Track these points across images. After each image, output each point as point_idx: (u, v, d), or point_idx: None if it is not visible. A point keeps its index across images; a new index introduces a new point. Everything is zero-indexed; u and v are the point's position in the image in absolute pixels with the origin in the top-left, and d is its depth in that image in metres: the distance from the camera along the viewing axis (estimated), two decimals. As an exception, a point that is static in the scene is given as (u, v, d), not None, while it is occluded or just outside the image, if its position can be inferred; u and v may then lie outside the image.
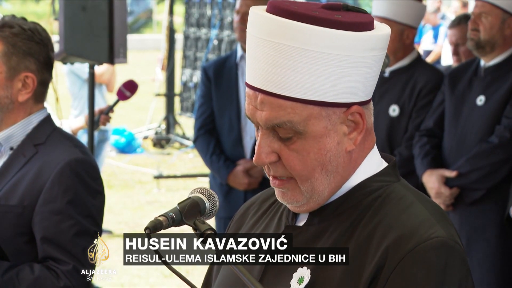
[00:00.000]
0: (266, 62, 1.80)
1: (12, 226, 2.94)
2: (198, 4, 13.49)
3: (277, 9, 1.80)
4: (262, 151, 1.85)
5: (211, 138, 5.22)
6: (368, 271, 1.78)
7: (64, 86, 8.55)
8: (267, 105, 1.82)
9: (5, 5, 30.82)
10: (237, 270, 1.77)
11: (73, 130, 5.15)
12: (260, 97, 1.83)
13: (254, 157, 1.87)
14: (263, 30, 1.81)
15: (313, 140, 1.83)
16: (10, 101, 3.03)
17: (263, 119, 1.83)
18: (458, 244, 1.83)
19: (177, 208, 1.85)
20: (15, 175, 3.00)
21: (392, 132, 4.94)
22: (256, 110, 1.84)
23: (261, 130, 1.86)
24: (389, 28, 1.90)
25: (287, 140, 1.84)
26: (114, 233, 8.40)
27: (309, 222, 1.91)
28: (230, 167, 5.13)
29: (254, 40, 1.83)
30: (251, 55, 1.84)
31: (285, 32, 1.77)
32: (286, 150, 1.84)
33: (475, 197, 4.67)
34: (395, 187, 1.90)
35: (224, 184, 5.16)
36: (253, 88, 1.85)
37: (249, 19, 1.86)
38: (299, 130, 1.82)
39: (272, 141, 1.85)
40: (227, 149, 5.21)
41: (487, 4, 4.70)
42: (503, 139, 4.57)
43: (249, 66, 1.85)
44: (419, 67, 5.01)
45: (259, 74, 1.82)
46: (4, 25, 3.01)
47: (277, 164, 1.86)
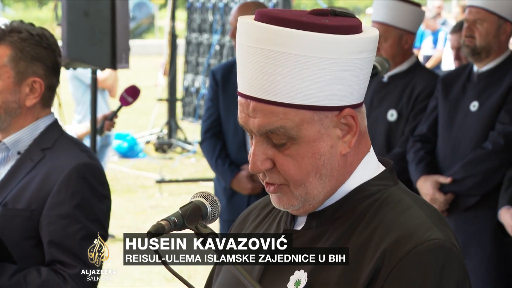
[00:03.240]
0: (256, 69, 1.80)
1: (20, 230, 2.94)
2: (200, 9, 13.50)
3: (264, 17, 1.81)
4: (257, 159, 1.85)
5: (217, 141, 5.24)
6: (365, 273, 1.78)
7: (67, 91, 8.55)
8: (259, 112, 1.82)
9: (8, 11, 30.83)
10: (237, 271, 1.77)
11: (79, 135, 5.17)
12: (252, 104, 1.83)
13: (250, 166, 1.86)
14: (251, 38, 1.81)
15: (306, 145, 1.83)
16: (18, 106, 3.03)
17: (256, 126, 1.83)
18: (455, 247, 1.82)
19: (179, 212, 1.84)
20: (23, 179, 3.00)
21: (390, 137, 4.94)
22: (248, 118, 1.84)
23: (255, 138, 1.85)
24: (377, 31, 1.90)
25: (281, 146, 1.84)
26: (116, 237, 8.40)
27: (307, 226, 1.91)
28: (234, 172, 5.15)
29: (243, 48, 1.84)
30: (242, 63, 1.85)
31: (273, 38, 1.78)
32: (281, 156, 1.84)
33: (469, 203, 4.65)
34: (393, 190, 1.90)
35: (228, 188, 5.19)
36: (244, 96, 1.84)
37: (237, 28, 1.86)
38: (292, 136, 1.82)
39: (266, 148, 1.85)
40: (232, 153, 5.23)
41: (482, 11, 4.67)
42: (497, 145, 4.55)
43: (240, 75, 1.86)
44: (418, 72, 5.00)
45: (250, 81, 1.82)
46: (12, 30, 3.02)
47: (272, 171, 1.86)
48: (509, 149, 4.55)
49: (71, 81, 8.69)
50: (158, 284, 7.11)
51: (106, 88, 8.56)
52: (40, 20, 22.44)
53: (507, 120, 4.56)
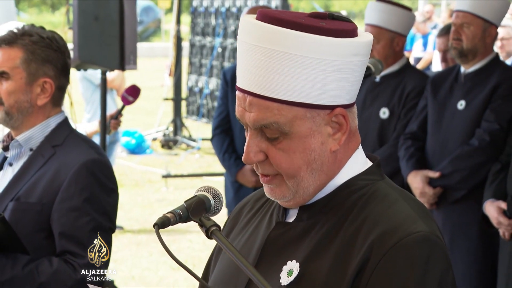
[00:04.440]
0: (255, 66, 1.79)
1: (32, 223, 2.94)
2: (204, 14, 13.49)
3: (266, 17, 1.80)
4: (251, 150, 1.84)
5: (226, 137, 5.31)
6: (354, 264, 1.78)
7: (77, 91, 8.55)
8: (255, 107, 1.81)
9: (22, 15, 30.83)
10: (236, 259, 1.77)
11: (88, 134, 5.16)
12: (248, 99, 1.82)
13: (243, 156, 1.86)
14: (252, 36, 1.80)
15: (298, 140, 1.82)
16: (30, 105, 3.03)
17: (251, 120, 1.82)
18: (439, 239, 1.81)
19: (184, 205, 1.83)
20: (35, 175, 3.00)
21: (383, 133, 4.95)
22: (245, 112, 1.83)
23: (250, 131, 1.85)
24: (371, 36, 1.88)
25: (274, 140, 1.83)
26: (125, 228, 8.41)
27: (299, 218, 1.90)
28: (240, 165, 5.22)
29: (244, 45, 1.82)
30: (242, 59, 1.83)
31: (272, 37, 1.77)
32: (273, 149, 1.84)
33: (457, 196, 4.65)
34: (380, 185, 1.89)
35: (233, 180, 5.24)
36: (242, 91, 1.83)
37: (240, 26, 1.85)
38: (285, 131, 1.81)
39: (260, 141, 1.84)
40: (239, 148, 5.30)
41: (469, 15, 4.66)
42: (483, 142, 4.55)
43: (239, 70, 1.84)
44: (408, 72, 5.00)
45: (248, 77, 1.81)
46: (24, 34, 3.02)
47: (265, 163, 1.85)
48: (494, 146, 4.55)
49: (81, 81, 8.69)
50: (164, 273, 7.11)
51: (114, 88, 8.55)
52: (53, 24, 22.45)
53: (492, 118, 4.57)
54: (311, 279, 1.81)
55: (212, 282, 2.02)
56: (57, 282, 2.86)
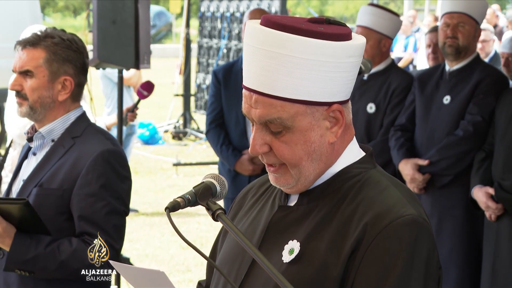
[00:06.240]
0: (259, 67, 1.80)
1: (54, 207, 2.93)
2: (210, 18, 13.46)
3: (269, 22, 1.80)
4: (256, 143, 1.85)
5: (220, 131, 5.24)
6: (349, 243, 1.78)
7: (98, 88, 8.55)
8: (260, 104, 1.81)
9: (47, 20, 30.85)
10: (241, 240, 1.76)
11: (107, 126, 5.15)
12: (254, 97, 1.82)
13: (250, 148, 1.87)
14: (257, 40, 1.80)
15: (299, 134, 1.83)
16: (52, 100, 3.02)
17: (257, 116, 1.83)
18: (426, 222, 1.81)
19: (192, 191, 1.84)
20: (56, 163, 2.99)
21: (370, 126, 4.95)
22: (251, 108, 1.83)
23: (255, 125, 1.85)
24: (364, 39, 1.89)
25: (277, 133, 1.84)
26: (139, 211, 8.41)
27: (299, 202, 1.91)
28: (237, 156, 5.15)
29: (249, 48, 1.83)
30: (247, 61, 1.84)
31: (276, 41, 1.77)
32: (277, 142, 1.84)
33: (444, 181, 4.66)
34: (372, 173, 1.90)
35: (232, 170, 5.18)
36: (248, 89, 1.83)
37: (245, 31, 1.85)
38: (287, 125, 1.82)
39: (265, 134, 1.85)
40: (234, 140, 5.22)
41: (464, 15, 4.65)
42: (467, 132, 4.56)
43: (245, 70, 1.85)
44: (393, 71, 5.00)
45: (254, 77, 1.81)
46: (46, 36, 3.01)
47: (269, 154, 1.86)
48: (478, 136, 4.56)
49: (101, 79, 8.70)
50: (175, 252, 7.11)
51: (131, 85, 8.54)
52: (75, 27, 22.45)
53: (475, 111, 4.58)
54: (310, 257, 1.81)
55: (219, 261, 2.02)
56: (76, 259, 2.86)
